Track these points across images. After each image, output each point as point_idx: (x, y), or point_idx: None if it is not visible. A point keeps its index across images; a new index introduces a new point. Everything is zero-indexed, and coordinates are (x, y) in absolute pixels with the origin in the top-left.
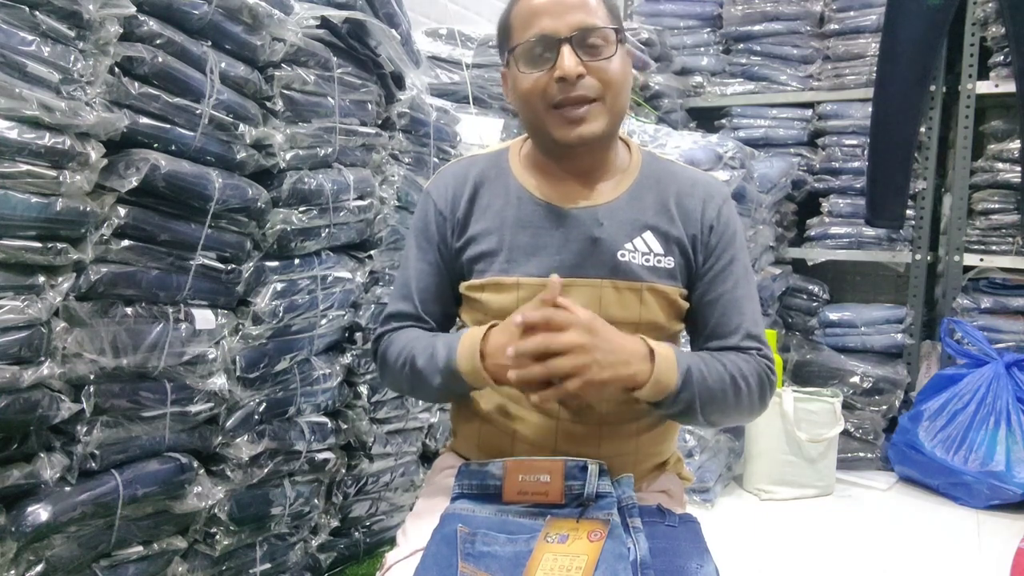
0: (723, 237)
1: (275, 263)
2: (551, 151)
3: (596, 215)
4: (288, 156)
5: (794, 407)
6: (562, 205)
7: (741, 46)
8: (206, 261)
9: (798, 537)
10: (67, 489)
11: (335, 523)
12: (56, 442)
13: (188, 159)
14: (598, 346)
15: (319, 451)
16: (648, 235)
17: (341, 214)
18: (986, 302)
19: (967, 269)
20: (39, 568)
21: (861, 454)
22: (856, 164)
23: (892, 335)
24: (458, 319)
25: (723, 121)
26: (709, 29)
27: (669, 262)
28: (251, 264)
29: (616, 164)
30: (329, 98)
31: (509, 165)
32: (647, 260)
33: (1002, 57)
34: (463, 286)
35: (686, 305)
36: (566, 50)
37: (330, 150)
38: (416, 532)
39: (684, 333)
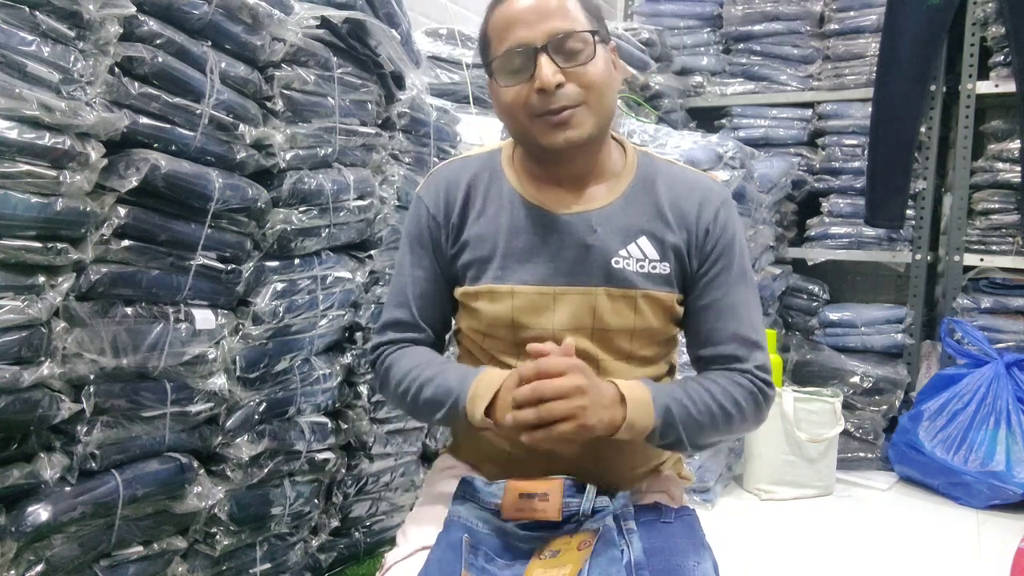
0: (719, 241)
1: (275, 263)
2: (541, 157)
3: (590, 221)
4: (288, 156)
5: (794, 407)
6: (555, 211)
7: (741, 46)
8: (206, 261)
9: (798, 537)
10: (67, 489)
11: (335, 523)
12: (56, 442)
13: (188, 159)
14: (591, 389)
15: (319, 451)
16: (643, 240)
17: (341, 214)
18: (986, 302)
19: (967, 269)
20: (39, 568)
21: (861, 454)
22: (856, 164)
23: (892, 335)
24: (453, 324)
25: (723, 121)
26: (709, 29)
27: (664, 268)
28: (251, 264)
29: (610, 167)
30: (329, 98)
31: (502, 168)
32: (642, 267)
33: (1002, 57)
34: (458, 292)
35: (682, 310)
36: (543, 59)
37: (330, 150)
38: (416, 532)
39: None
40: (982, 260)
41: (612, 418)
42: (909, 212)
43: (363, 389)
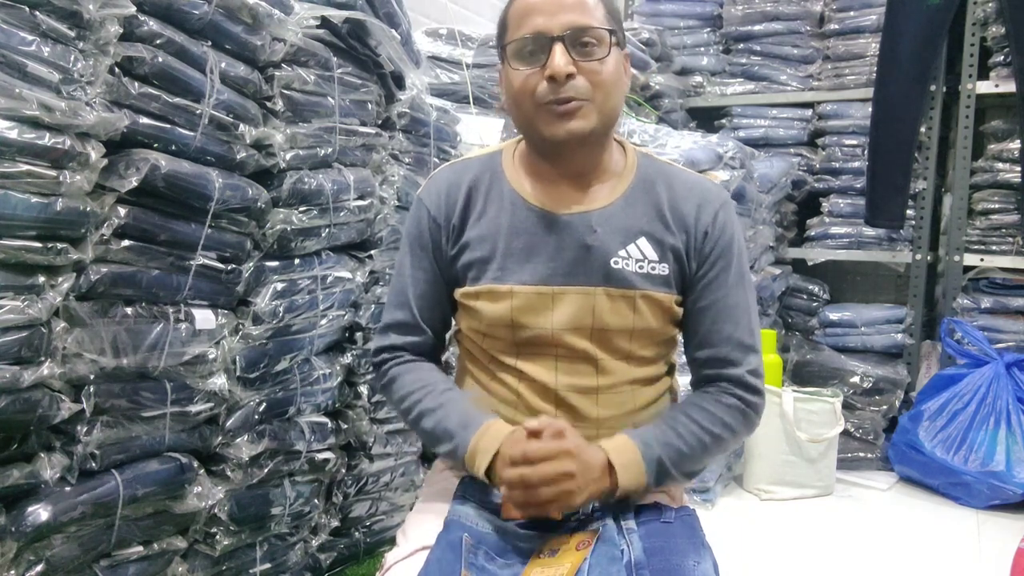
0: (718, 243)
1: (275, 263)
2: (543, 151)
3: (590, 221)
4: (288, 156)
5: (794, 407)
6: (556, 211)
7: (741, 46)
8: (206, 261)
9: (798, 537)
10: (67, 489)
11: (335, 523)
12: (56, 442)
13: (188, 159)
14: (579, 472)
15: (319, 451)
16: (642, 241)
17: (341, 214)
18: (986, 302)
19: (967, 269)
20: (39, 568)
21: (861, 454)
22: (856, 164)
23: (892, 335)
24: (453, 324)
25: (723, 121)
26: (709, 29)
27: (663, 269)
28: (251, 264)
29: (611, 167)
30: (329, 98)
31: (503, 168)
32: (641, 267)
33: (1002, 57)
34: (458, 293)
35: (681, 311)
36: (558, 49)
37: (330, 150)
38: (416, 532)
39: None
40: (982, 260)
41: (602, 489)
42: (909, 212)
43: (363, 389)
